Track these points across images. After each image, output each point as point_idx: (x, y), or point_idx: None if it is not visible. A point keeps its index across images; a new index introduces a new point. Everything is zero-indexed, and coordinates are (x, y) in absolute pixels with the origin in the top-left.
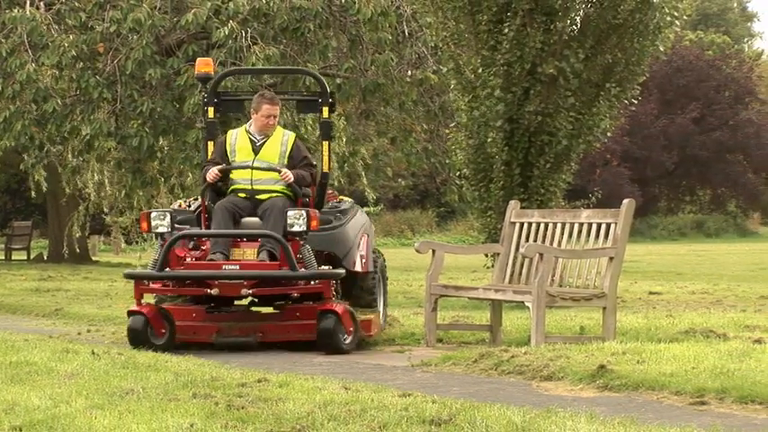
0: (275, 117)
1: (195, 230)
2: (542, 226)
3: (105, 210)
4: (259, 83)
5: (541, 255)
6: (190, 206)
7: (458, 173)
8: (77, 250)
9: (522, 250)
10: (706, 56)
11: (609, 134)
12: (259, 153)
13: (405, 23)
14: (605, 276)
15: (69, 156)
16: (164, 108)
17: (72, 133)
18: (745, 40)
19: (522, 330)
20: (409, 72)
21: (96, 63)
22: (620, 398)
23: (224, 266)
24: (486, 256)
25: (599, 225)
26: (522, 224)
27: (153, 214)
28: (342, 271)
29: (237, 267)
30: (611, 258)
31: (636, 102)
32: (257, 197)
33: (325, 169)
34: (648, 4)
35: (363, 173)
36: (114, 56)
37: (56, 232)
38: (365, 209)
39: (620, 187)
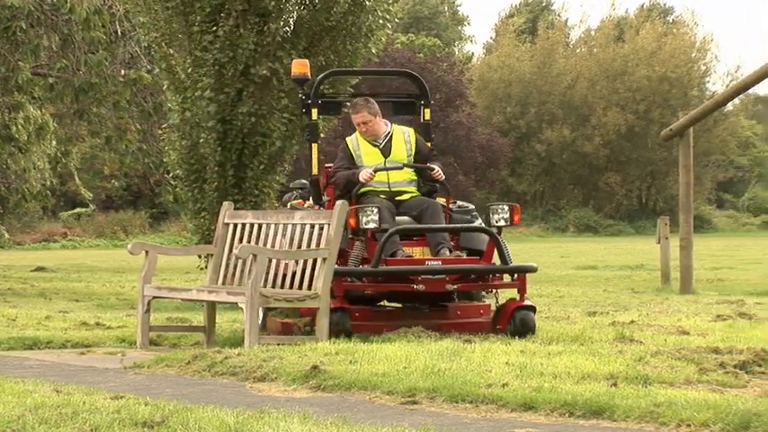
0: (368, 122)
1: (411, 226)
2: (256, 227)
3: None
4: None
5: (255, 256)
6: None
7: (171, 173)
8: None
9: (235, 251)
10: (418, 58)
11: (323, 135)
12: (390, 155)
13: (117, 23)
14: (318, 277)
15: None
16: None
17: None
18: (456, 43)
19: (238, 331)
20: (122, 71)
21: None
22: (333, 398)
23: (427, 262)
24: (200, 257)
25: (312, 226)
26: (235, 225)
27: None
28: (535, 264)
29: (440, 263)
30: (324, 259)
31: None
32: (397, 198)
33: None
34: (361, 7)
35: (76, 173)
36: None
37: None
38: (77, 210)
39: None
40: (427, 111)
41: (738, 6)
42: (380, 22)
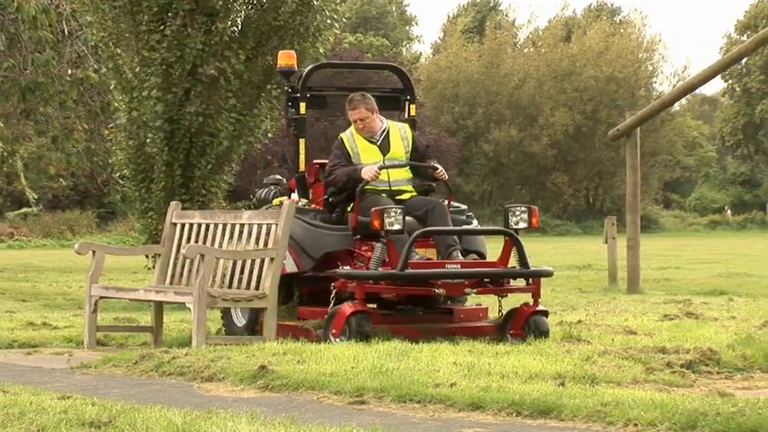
0: (366, 119)
1: (437, 228)
2: (204, 227)
3: None
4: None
5: (203, 256)
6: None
7: (118, 173)
8: None
9: (183, 251)
10: (366, 58)
11: (270, 135)
12: (388, 152)
13: (64, 22)
14: (266, 277)
15: None
16: None
17: None
18: (404, 43)
19: (185, 331)
20: (69, 71)
21: None
22: (281, 398)
23: (447, 265)
24: (148, 257)
25: (260, 226)
26: (183, 225)
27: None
28: (552, 269)
29: (458, 266)
30: (272, 259)
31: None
32: (397, 197)
33: None
34: (308, 7)
35: (22, 173)
36: None
37: None
38: (24, 210)
39: None
40: (412, 106)
41: (686, 7)
42: (328, 21)
